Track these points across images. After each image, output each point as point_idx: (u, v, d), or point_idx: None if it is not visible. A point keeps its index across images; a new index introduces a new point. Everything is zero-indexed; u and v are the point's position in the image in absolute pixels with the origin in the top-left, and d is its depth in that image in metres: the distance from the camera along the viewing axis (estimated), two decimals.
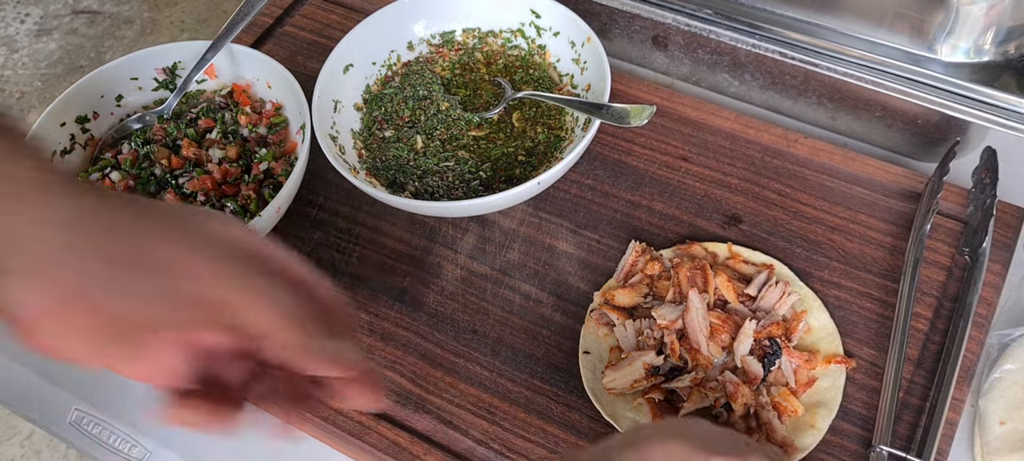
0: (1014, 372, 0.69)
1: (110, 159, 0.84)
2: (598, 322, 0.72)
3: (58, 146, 0.82)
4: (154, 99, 0.89)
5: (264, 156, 0.82)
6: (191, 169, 0.82)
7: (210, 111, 0.86)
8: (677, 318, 0.69)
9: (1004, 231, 0.75)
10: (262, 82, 0.87)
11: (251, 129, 0.85)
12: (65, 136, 0.83)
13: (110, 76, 0.85)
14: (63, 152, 0.83)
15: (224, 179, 0.81)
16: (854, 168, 0.81)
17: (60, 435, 0.76)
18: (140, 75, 0.87)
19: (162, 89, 0.89)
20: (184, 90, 0.87)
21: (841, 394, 0.67)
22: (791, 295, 0.71)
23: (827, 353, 0.69)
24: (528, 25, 0.90)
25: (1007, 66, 0.78)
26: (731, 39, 0.83)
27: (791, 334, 0.69)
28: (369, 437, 0.70)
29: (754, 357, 0.68)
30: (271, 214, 0.76)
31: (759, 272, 0.73)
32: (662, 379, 0.68)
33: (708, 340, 0.68)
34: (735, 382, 0.66)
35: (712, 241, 0.77)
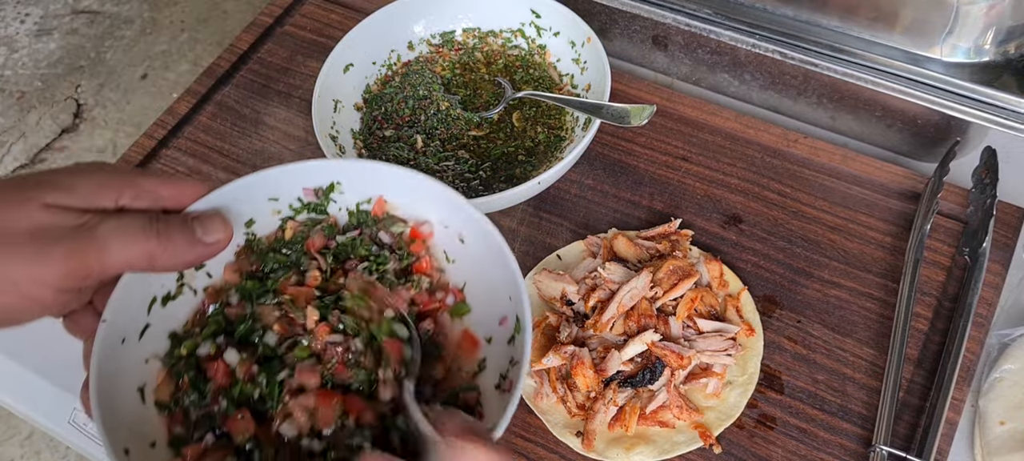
0: (1014, 372, 0.69)
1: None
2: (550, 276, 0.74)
3: (161, 290, 0.55)
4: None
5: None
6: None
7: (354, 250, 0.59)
8: (619, 282, 0.71)
9: (1004, 231, 0.75)
10: (451, 233, 0.59)
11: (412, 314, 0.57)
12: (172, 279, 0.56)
13: (240, 193, 0.56)
14: (165, 299, 0.55)
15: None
16: (854, 168, 0.81)
17: (60, 435, 0.76)
18: (281, 194, 0.58)
19: (306, 212, 0.59)
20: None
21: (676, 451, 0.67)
22: (729, 356, 0.69)
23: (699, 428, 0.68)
24: (528, 25, 0.90)
25: (1007, 66, 0.78)
26: (731, 39, 0.83)
27: (698, 378, 0.69)
28: None
29: (638, 361, 0.68)
30: None
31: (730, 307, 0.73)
32: (571, 314, 0.72)
33: (620, 315, 0.70)
34: (580, 359, 0.68)
35: (712, 244, 0.77)
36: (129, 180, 0.49)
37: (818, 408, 0.68)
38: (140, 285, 0.52)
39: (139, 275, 0.51)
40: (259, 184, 0.56)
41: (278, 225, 0.58)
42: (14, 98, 2.28)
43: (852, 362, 0.70)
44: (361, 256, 0.58)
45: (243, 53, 0.96)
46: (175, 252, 0.49)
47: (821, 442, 0.67)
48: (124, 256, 0.47)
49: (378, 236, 0.59)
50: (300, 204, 0.58)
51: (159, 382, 0.53)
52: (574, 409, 0.68)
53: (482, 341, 0.56)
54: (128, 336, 0.52)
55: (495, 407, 0.52)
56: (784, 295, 0.74)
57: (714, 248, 0.77)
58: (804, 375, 0.70)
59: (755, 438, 0.67)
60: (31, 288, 0.46)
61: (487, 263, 0.55)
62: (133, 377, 0.52)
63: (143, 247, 0.48)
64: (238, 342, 0.54)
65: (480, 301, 0.57)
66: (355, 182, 0.58)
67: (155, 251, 0.48)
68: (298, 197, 0.58)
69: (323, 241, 0.58)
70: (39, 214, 0.46)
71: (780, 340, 0.72)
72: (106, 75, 2.31)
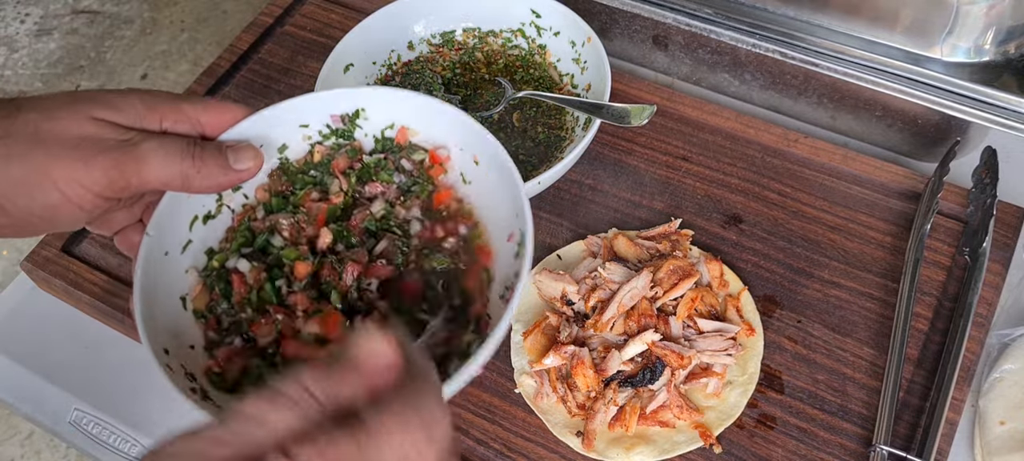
0: (1014, 372, 0.69)
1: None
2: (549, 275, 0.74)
3: (202, 209, 0.61)
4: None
5: (439, 261, 0.60)
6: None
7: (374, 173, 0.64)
8: (619, 282, 0.71)
9: (1004, 231, 0.75)
10: (467, 156, 0.63)
11: (424, 217, 0.63)
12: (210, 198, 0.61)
13: (273, 120, 0.61)
14: (206, 218, 0.61)
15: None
16: (854, 168, 0.81)
17: (60, 435, 0.76)
18: (311, 120, 0.63)
19: (333, 138, 0.65)
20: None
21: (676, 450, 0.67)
22: (729, 356, 0.69)
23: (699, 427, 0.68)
24: (528, 25, 0.90)
25: (1007, 66, 0.78)
26: (731, 39, 0.83)
27: (698, 378, 0.69)
28: None
29: (639, 360, 0.68)
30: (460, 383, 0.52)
31: (730, 307, 0.72)
32: (572, 314, 0.72)
33: (621, 314, 0.70)
34: (581, 359, 0.68)
35: (713, 244, 0.77)
36: (173, 104, 0.54)
37: (818, 408, 0.68)
38: (183, 204, 0.58)
39: (182, 194, 0.57)
40: (290, 111, 0.61)
41: (308, 149, 0.64)
42: None
43: (852, 362, 0.70)
44: (383, 180, 0.63)
45: (243, 53, 0.96)
46: (208, 175, 0.54)
47: (821, 442, 0.67)
48: (161, 174, 0.52)
49: (400, 163, 0.64)
50: (328, 130, 0.64)
51: (196, 292, 0.59)
52: (574, 409, 0.68)
53: (494, 252, 0.61)
54: (171, 249, 0.58)
55: (496, 315, 0.57)
56: (784, 295, 0.74)
57: (714, 248, 0.77)
58: (804, 375, 0.70)
59: (755, 438, 0.67)
60: (71, 188, 0.50)
61: (498, 183, 0.60)
62: (175, 287, 0.58)
63: (179, 168, 0.52)
64: (258, 252, 0.60)
65: (490, 219, 0.62)
66: (379, 109, 0.64)
67: (190, 173, 0.53)
68: (326, 123, 0.64)
69: (347, 162, 0.64)
70: (87, 125, 0.51)
71: (780, 340, 0.72)
72: (106, 75, 2.30)
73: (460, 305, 0.59)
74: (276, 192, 0.62)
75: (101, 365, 0.78)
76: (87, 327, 0.80)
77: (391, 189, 0.63)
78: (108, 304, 0.78)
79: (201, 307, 0.58)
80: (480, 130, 0.60)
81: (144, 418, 0.75)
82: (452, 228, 0.62)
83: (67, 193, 0.50)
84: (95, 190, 0.51)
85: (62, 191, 0.50)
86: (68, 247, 0.82)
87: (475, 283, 0.60)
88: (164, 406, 0.76)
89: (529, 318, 0.73)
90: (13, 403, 0.78)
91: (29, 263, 0.81)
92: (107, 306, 0.78)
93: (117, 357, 0.79)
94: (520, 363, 0.71)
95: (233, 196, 0.61)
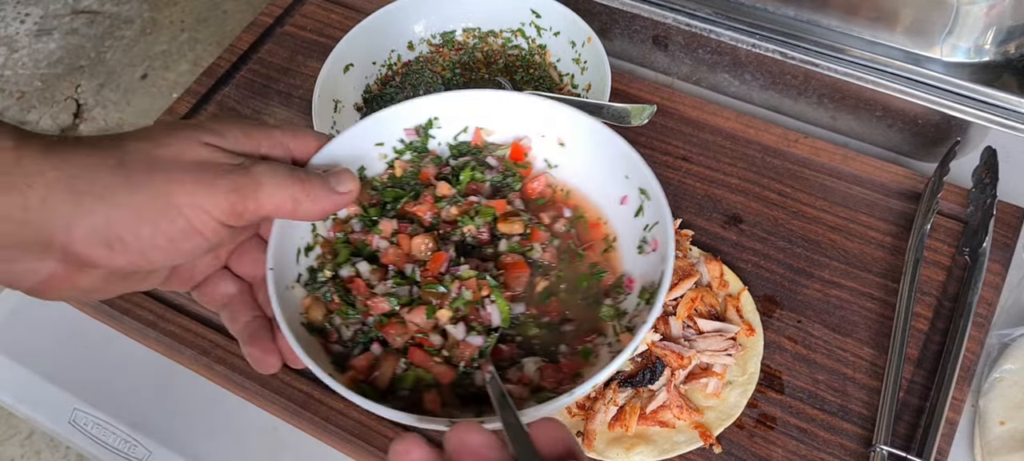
0: (1014, 372, 0.69)
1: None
2: None
3: (302, 242, 0.59)
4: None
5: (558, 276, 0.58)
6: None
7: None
8: None
9: (1004, 231, 0.75)
10: (549, 141, 0.62)
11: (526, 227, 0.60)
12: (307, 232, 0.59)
13: (349, 143, 0.59)
14: (306, 250, 0.59)
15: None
16: (854, 168, 0.81)
17: (60, 435, 0.76)
18: (385, 137, 0.62)
19: (409, 152, 0.63)
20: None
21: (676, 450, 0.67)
22: (729, 356, 0.70)
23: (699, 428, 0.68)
24: (528, 25, 0.90)
25: (1007, 66, 0.78)
26: (731, 39, 0.83)
27: (698, 378, 0.69)
28: (369, 437, 0.70)
29: (638, 360, 0.68)
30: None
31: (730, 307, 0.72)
32: None
33: None
34: None
35: (713, 244, 0.77)
36: (266, 131, 0.54)
37: (818, 408, 0.68)
38: (287, 236, 0.56)
39: (285, 225, 0.55)
40: (365, 131, 0.61)
41: (386, 167, 0.62)
42: (14, 98, 2.28)
43: (852, 362, 0.70)
44: (477, 180, 0.61)
45: (243, 53, 0.96)
46: (316, 198, 0.53)
47: (821, 442, 0.67)
48: (276, 198, 0.51)
49: (485, 160, 0.63)
50: (403, 145, 0.62)
51: (306, 307, 0.56)
52: (574, 409, 0.68)
53: (608, 221, 0.61)
54: (290, 282, 0.56)
55: (639, 271, 0.57)
56: (784, 295, 0.74)
57: (714, 248, 0.77)
58: (804, 375, 0.70)
59: (755, 438, 0.67)
60: (195, 215, 0.48)
61: (594, 154, 0.60)
62: (296, 316, 0.56)
63: (290, 191, 0.51)
64: (367, 258, 0.59)
65: (592, 193, 0.61)
66: (450, 114, 0.62)
67: (299, 195, 0.52)
68: (400, 138, 0.62)
69: (435, 170, 0.62)
70: (201, 150, 0.50)
71: (780, 340, 0.72)
72: (106, 75, 2.30)
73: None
74: (370, 205, 0.61)
75: (101, 365, 0.78)
76: (87, 327, 0.80)
77: (485, 188, 0.61)
78: (108, 304, 0.78)
79: (317, 319, 0.56)
80: (560, 108, 0.59)
81: (144, 418, 0.75)
82: (557, 212, 0.61)
83: (192, 219, 0.48)
84: (216, 215, 0.49)
85: (187, 217, 0.48)
86: None
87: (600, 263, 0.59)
88: (164, 406, 0.76)
89: None
90: (13, 403, 0.78)
91: None
92: (107, 306, 0.78)
93: (117, 357, 0.79)
94: None
95: (326, 226, 0.60)
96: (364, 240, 0.59)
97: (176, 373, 0.77)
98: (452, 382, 0.53)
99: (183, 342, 0.75)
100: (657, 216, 0.56)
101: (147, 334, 0.77)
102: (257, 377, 0.73)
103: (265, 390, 0.72)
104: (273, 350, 0.54)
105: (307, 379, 0.73)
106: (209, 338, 0.75)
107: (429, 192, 0.60)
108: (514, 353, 0.55)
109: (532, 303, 0.58)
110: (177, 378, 0.77)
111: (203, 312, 0.77)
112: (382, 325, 0.55)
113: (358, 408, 0.70)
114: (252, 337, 0.55)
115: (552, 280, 0.59)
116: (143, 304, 0.78)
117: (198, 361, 0.75)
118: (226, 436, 0.74)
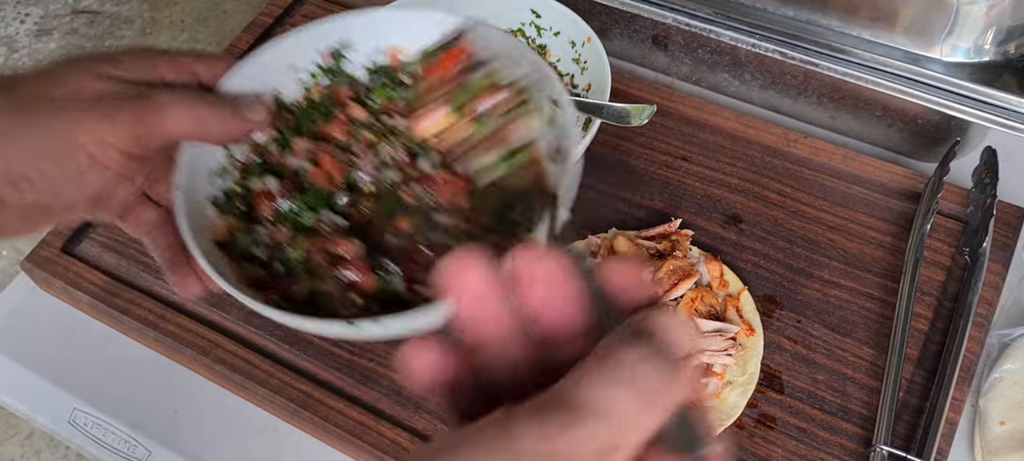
0: (1014, 372, 0.69)
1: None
2: None
3: (215, 164, 0.58)
4: None
5: (491, 166, 0.55)
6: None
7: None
8: None
9: (1004, 231, 0.75)
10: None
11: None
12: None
13: (263, 66, 0.60)
14: (220, 172, 0.59)
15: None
16: (854, 168, 0.81)
17: (60, 435, 0.76)
18: (298, 61, 0.62)
19: (325, 76, 0.63)
20: None
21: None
22: (729, 356, 0.69)
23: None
24: (528, 25, 0.89)
25: (1007, 66, 0.78)
26: (731, 39, 0.83)
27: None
28: (369, 437, 0.70)
29: None
30: None
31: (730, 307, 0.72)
32: None
33: None
34: None
35: (712, 244, 0.77)
36: (169, 58, 0.54)
37: (818, 408, 0.69)
38: (198, 158, 0.56)
39: (196, 147, 0.55)
40: (277, 53, 0.60)
41: (303, 93, 0.62)
42: None
43: (852, 362, 0.70)
44: (391, 98, 0.62)
45: (243, 53, 0.96)
46: (223, 120, 0.53)
47: (821, 442, 0.67)
48: (181, 123, 0.51)
49: (401, 80, 0.63)
50: (318, 69, 0.62)
51: (217, 227, 0.56)
52: None
53: None
54: (201, 203, 0.56)
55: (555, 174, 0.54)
56: (784, 295, 0.74)
57: (714, 248, 0.77)
58: (804, 375, 0.70)
59: (755, 438, 0.67)
60: (99, 150, 0.49)
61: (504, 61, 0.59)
62: (206, 236, 0.55)
63: (196, 114, 0.52)
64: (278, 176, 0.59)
65: None
66: (364, 35, 0.62)
67: (206, 119, 0.52)
68: (316, 62, 0.62)
69: (351, 92, 0.62)
70: (98, 83, 0.50)
71: (780, 340, 0.72)
72: None
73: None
74: (286, 129, 0.61)
75: (101, 365, 0.78)
76: (87, 327, 0.80)
77: (402, 107, 0.61)
78: (108, 304, 0.78)
79: (225, 237, 0.55)
80: (470, 24, 0.59)
81: (144, 418, 0.75)
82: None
83: (96, 154, 0.49)
84: (121, 147, 0.49)
85: (90, 153, 0.48)
86: (67, 247, 0.82)
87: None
88: (164, 406, 0.76)
89: None
90: (13, 403, 0.78)
91: (29, 263, 0.81)
92: (107, 306, 0.78)
93: (117, 357, 0.79)
94: None
95: (242, 150, 0.59)
96: (281, 163, 0.59)
97: (176, 373, 0.77)
98: (375, 291, 0.53)
99: (183, 342, 0.75)
100: (565, 122, 0.55)
101: (147, 334, 0.77)
102: (257, 377, 0.73)
103: (265, 390, 0.72)
104: (190, 274, 0.55)
105: (307, 379, 0.73)
106: (209, 338, 0.75)
107: (342, 113, 0.61)
108: (433, 259, 0.55)
109: (459, 213, 0.57)
110: (177, 378, 0.77)
111: (203, 312, 0.77)
112: (295, 240, 0.55)
113: (358, 408, 0.71)
114: (171, 263, 0.56)
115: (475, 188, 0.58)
116: (143, 304, 0.78)
117: (198, 361, 0.75)
118: (226, 436, 0.74)
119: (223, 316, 0.77)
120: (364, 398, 0.72)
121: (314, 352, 0.74)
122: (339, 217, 0.57)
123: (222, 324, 0.77)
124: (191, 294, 0.55)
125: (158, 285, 0.79)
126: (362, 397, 0.72)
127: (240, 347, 0.75)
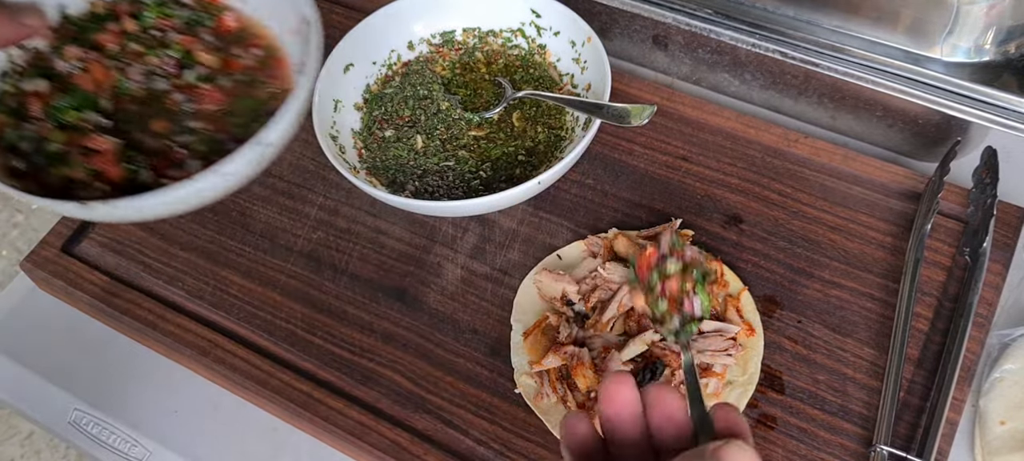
0: (1014, 372, 0.69)
1: None
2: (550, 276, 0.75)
3: None
4: None
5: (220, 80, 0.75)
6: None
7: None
8: (620, 282, 0.71)
9: (1004, 231, 0.75)
10: None
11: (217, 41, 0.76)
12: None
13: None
14: (3, 75, 0.71)
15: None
16: (854, 168, 0.81)
17: (60, 435, 0.76)
18: None
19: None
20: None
21: None
22: (729, 356, 0.69)
23: None
24: (528, 24, 0.89)
25: (1007, 66, 0.78)
26: (731, 39, 0.83)
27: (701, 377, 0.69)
28: (369, 437, 0.70)
29: (639, 361, 0.68)
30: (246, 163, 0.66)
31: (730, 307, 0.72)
32: (572, 314, 0.72)
33: (621, 314, 0.70)
34: (580, 359, 0.68)
35: (713, 244, 0.77)
36: None
37: (818, 408, 0.68)
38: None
39: None
40: None
41: (87, 6, 0.73)
42: None
43: (852, 362, 0.70)
44: (165, 15, 0.74)
45: None
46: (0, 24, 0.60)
47: (821, 442, 0.67)
48: None
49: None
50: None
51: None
52: (574, 409, 0.68)
53: (289, 57, 0.75)
54: None
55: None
56: (784, 295, 0.74)
57: (714, 248, 0.77)
58: (804, 375, 0.70)
59: (755, 438, 0.67)
60: None
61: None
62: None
63: None
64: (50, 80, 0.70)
65: (279, 30, 0.75)
66: None
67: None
68: None
69: (129, 8, 0.74)
70: None
71: (780, 340, 0.72)
72: None
73: None
74: (65, 38, 0.71)
75: (101, 365, 0.78)
76: (87, 327, 0.80)
77: (178, 24, 0.74)
78: (108, 304, 0.78)
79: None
80: None
81: (144, 418, 0.75)
82: (248, 47, 0.75)
83: None
84: None
85: None
86: (68, 247, 0.82)
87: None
88: (164, 406, 0.76)
89: (529, 318, 0.74)
90: (13, 403, 0.79)
91: (29, 263, 0.81)
92: (107, 306, 0.78)
93: (117, 357, 0.79)
94: (520, 363, 0.71)
95: (23, 56, 0.69)
96: (52, 67, 0.69)
97: (176, 373, 0.77)
98: (121, 181, 0.65)
99: (183, 342, 0.75)
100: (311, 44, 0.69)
101: (147, 334, 0.77)
102: (257, 377, 0.73)
103: (265, 390, 0.72)
104: None
105: (307, 379, 0.73)
106: (209, 338, 0.75)
107: (115, 25, 0.72)
108: (184, 157, 0.68)
109: (213, 121, 0.70)
110: (177, 378, 0.77)
111: (203, 312, 0.77)
112: (54, 133, 0.65)
113: (358, 408, 0.71)
114: None
115: (232, 102, 0.72)
116: (143, 304, 0.78)
117: (198, 361, 0.75)
118: (226, 436, 0.74)
119: (223, 316, 0.77)
120: (364, 398, 0.72)
121: (314, 352, 0.74)
122: (103, 118, 0.68)
123: (222, 324, 0.77)
124: None
125: (158, 285, 0.79)
126: (362, 397, 0.72)
127: (240, 347, 0.75)
